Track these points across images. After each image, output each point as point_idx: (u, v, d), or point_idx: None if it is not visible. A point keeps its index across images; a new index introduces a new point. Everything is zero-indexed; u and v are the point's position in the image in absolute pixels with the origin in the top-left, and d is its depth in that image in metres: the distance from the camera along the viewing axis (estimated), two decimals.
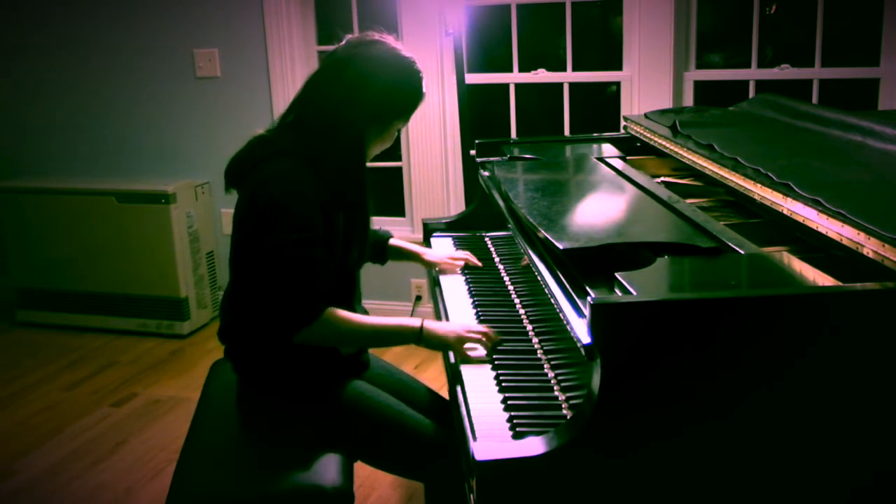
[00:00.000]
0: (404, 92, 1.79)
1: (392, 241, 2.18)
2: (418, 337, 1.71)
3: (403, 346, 3.63)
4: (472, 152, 2.59)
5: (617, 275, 1.29)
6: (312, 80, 1.81)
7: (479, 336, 1.70)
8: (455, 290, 2.09)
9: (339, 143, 1.74)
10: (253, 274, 1.70)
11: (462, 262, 2.21)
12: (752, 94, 3.26)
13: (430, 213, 3.73)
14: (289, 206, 1.65)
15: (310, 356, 1.77)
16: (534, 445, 1.20)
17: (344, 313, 1.71)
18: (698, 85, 3.38)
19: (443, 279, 2.16)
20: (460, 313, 1.94)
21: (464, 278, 2.16)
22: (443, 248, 2.35)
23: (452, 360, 1.70)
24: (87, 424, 3.12)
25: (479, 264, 2.21)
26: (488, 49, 3.92)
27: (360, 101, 1.74)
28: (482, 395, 1.53)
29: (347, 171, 1.75)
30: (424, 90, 1.82)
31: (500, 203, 2.05)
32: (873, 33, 3.13)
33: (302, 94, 1.80)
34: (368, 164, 1.80)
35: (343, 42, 1.82)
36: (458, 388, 1.58)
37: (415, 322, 1.73)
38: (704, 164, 1.95)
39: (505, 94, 3.67)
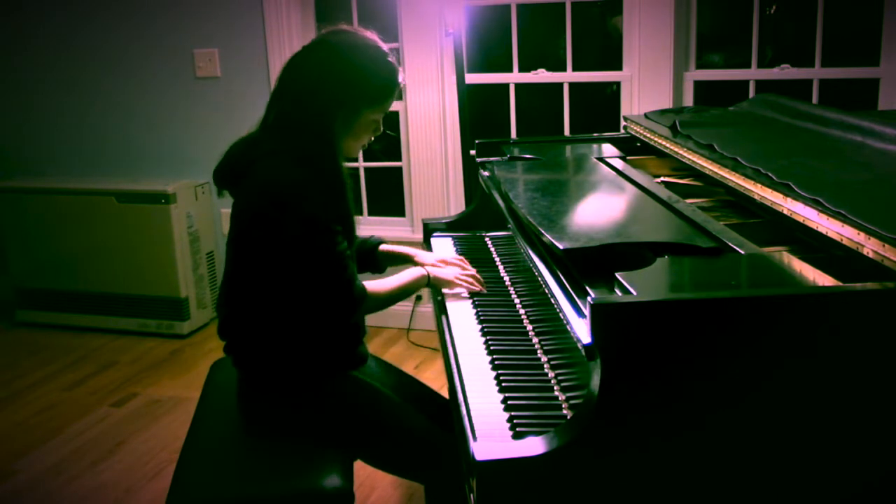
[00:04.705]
0: (369, 77, 1.77)
1: (382, 247, 2.15)
2: (428, 282, 2.00)
3: (404, 346, 3.70)
4: (472, 152, 2.59)
5: (617, 275, 1.29)
6: (282, 71, 1.82)
7: (470, 277, 2.02)
8: (455, 290, 2.08)
9: (307, 128, 1.75)
10: (287, 272, 1.73)
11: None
12: (752, 94, 3.26)
13: (430, 213, 3.73)
14: (308, 205, 1.69)
15: (308, 348, 1.79)
16: (534, 445, 1.20)
17: (372, 285, 1.85)
18: (698, 85, 3.38)
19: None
20: (460, 313, 1.94)
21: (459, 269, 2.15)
22: (439, 250, 2.34)
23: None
24: (87, 424, 3.12)
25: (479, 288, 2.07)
26: (488, 49, 3.92)
27: (324, 84, 1.74)
28: (482, 395, 1.53)
29: (319, 158, 1.75)
30: (401, 81, 1.81)
31: (500, 203, 2.04)
32: (873, 33, 3.13)
33: (274, 89, 1.82)
34: (368, 164, 1.81)
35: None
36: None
37: (422, 272, 1.99)
38: (704, 164, 1.95)
39: (505, 94, 3.67)
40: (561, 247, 1.46)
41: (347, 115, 1.77)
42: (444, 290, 2.11)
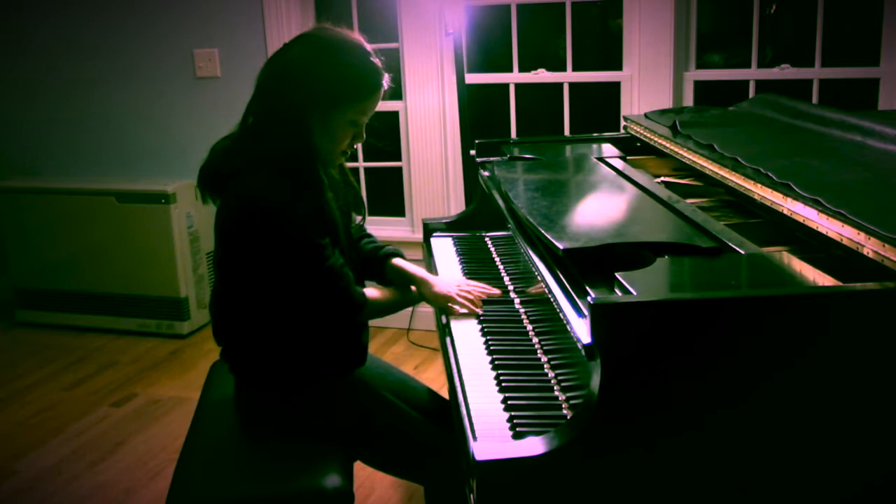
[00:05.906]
0: (348, 73, 1.71)
1: (395, 261, 1.98)
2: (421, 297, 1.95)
3: (404, 346, 3.70)
4: (472, 152, 2.59)
5: (617, 275, 1.29)
6: (263, 67, 1.78)
7: (467, 295, 1.89)
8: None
9: (284, 126, 1.70)
10: (279, 288, 1.72)
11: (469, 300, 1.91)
12: (752, 94, 3.26)
13: (430, 213, 3.73)
14: (295, 224, 1.67)
15: (304, 354, 1.78)
16: (534, 445, 1.20)
17: (372, 291, 1.84)
18: (698, 85, 3.38)
19: (442, 277, 2.16)
20: (460, 313, 1.94)
21: (464, 277, 2.15)
22: (441, 254, 2.33)
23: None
24: (87, 424, 3.12)
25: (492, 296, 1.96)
26: (488, 49, 3.92)
27: (302, 76, 1.69)
28: (482, 395, 1.53)
29: (298, 168, 1.71)
30: (384, 85, 1.75)
31: (500, 203, 2.04)
32: (873, 33, 3.13)
33: (255, 85, 1.77)
34: (368, 164, 1.80)
35: None
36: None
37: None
38: (704, 164, 1.95)
39: (505, 94, 3.67)
40: (561, 247, 1.46)
41: (324, 111, 1.70)
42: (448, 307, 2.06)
